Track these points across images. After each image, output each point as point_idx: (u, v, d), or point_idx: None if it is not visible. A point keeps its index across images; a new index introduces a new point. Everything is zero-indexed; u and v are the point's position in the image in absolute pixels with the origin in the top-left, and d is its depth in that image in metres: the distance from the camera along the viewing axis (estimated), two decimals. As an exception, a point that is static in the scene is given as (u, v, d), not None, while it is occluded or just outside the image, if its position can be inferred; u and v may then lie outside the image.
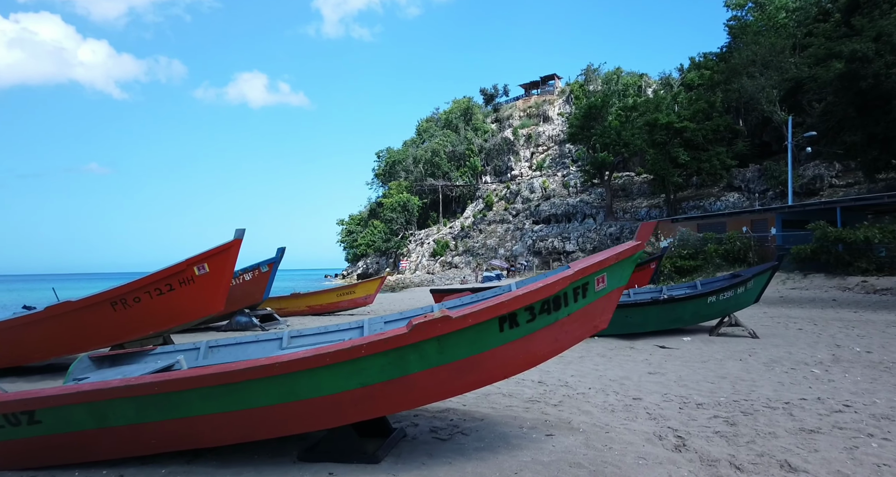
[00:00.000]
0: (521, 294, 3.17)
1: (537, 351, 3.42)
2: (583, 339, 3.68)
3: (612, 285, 3.59)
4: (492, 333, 3.13)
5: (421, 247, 57.91)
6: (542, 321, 3.33)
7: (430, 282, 46.79)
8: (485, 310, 3.04)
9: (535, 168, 57.96)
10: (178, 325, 6.11)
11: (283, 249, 10.01)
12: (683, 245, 23.36)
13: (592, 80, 61.81)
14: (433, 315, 2.99)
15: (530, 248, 47.85)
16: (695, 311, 8.19)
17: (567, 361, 6.43)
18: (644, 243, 3.64)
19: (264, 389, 2.92)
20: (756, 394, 5.02)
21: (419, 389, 3.11)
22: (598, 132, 42.89)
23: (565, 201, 49.42)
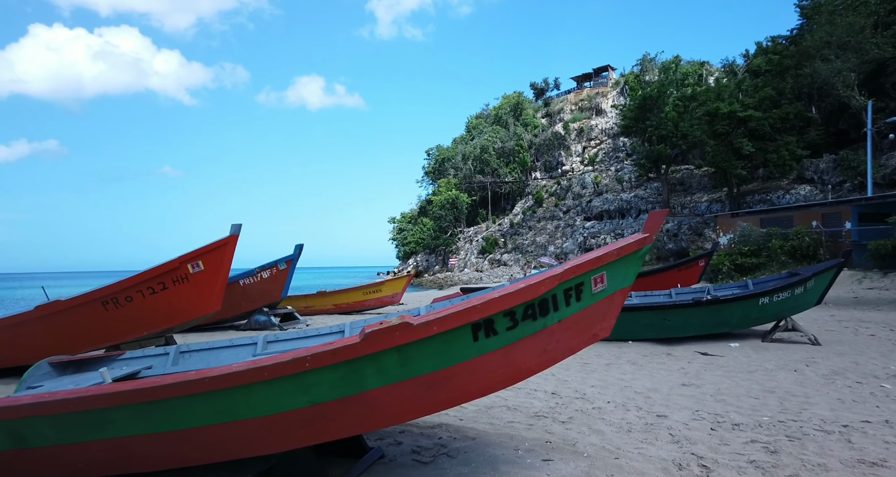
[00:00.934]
0: (498, 297, 2.68)
1: (522, 364, 2.90)
2: (580, 349, 3.13)
3: (615, 286, 3.03)
4: (464, 343, 2.67)
5: (470, 244, 57.49)
6: (526, 329, 2.81)
7: (478, 280, 46.35)
8: (452, 316, 2.58)
9: (587, 163, 56.20)
10: (173, 325, 5.93)
11: (300, 245, 9.84)
12: (744, 241, 21.76)
13: (649, 70, 59.22)
14: (390, 322, 2.54)
15: (581, 245, 46.40)
16: (744, 313, 7.33)
17: (591, 368, 5.83)
18: (653, 236, 3.04)
19: (196, 407, 2.54)
20: (808, 413, 4.27)
21: (381, 408, 2.68)
22: (654, 124, 40.94)
23: (618, 197, 47.61)
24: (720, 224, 29.22)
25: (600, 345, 7.29)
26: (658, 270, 13.89)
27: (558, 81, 69.49)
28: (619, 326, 7.33)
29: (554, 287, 2.79)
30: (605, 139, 57.13)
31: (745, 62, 53.59)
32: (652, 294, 8.92)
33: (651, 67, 59.22)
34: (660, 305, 7.35)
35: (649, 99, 43.18)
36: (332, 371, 2.53)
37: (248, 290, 9.56)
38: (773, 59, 42.36)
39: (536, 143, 60.89)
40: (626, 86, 58.33)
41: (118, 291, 5.44)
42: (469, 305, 2.62)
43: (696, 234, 39.02)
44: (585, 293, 2.93)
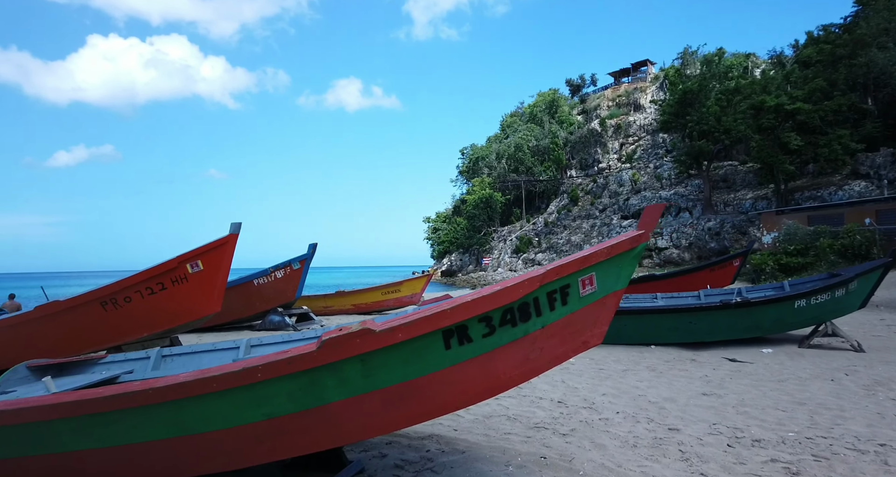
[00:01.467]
0: (471, 301, 2.45)
1: (502, 374, 2.65)
2: (567, 358, 2.85)
3: (606, 288, 2.74)
4: (435, 351, 2.46)
5: (503, 243, 56.96)
6: (504, 336, 2.57)
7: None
8: (420, 321, 2.38)
9: (625, 160, 54.78)
10: (174, 326, 5.89)
11: (314, 245, 9.80)
12: (790, 240, 20.66)
13: (690, 63, 57.25)
14: (350, 328, 2.35)
15: (618, 244, 45.24)
16: (777, 317, 6.80)
17: (605, 374, 5.49)
18: (649, 232, 2.74)
19: (144, 420, 2.39)
20: (841, 429, 3.85)
21: (346, 423, 2.49)
22: (695, 119, 39.50)
23: (657, 194, 46.20)
24: (764, 222, 27.90)
25: (620, 349, 6.92)
26: (689, 271, 13.23)
27: (595, 77, 68.07)
28: (642, 330, 6.95)
29: (535, 290, 2.54)
30: (643, 136, 55.59)
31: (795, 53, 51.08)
32: (679, 296, 8.46)
33: (693, 61, 57.22)
34: (685, 308, 6.90)
35: (690, 93, 41.68)
36: (289, 382, 2.35)
37: (262, 289, 9.60)
38: (825, 48, 40.14)
39: (572, 140, 59.80)
40: (665, 80, 56.54)
41: (117, 292, 5.45)
42: (439, 309, 2.41)
43: (740, 232, 37.40)
44: (572, 296, 2.66)
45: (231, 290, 9.47)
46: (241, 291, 9.63)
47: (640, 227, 2.76)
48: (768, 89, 38.12)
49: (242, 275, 9.97)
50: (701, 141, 39.74)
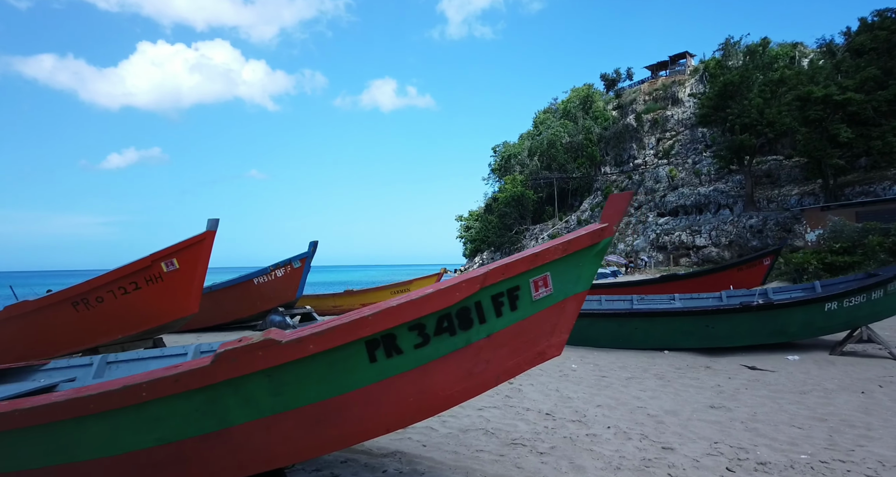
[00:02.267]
0: (396, 306, 2.12)
1: (441, 390, 2.32)
2: (521, 371, 2.49)
3: (565, 291, 2.38)
4: (358, 365, 2.16)
5: (535, 242, 56.11)
6: (441, 346, 2.25)
7: (543, 278, 45.06)
8: (336, 330, 2.07)
9: (661, 156, 53.06)
10: (149, 328, 5.70)
11: (315, 242, 9.62)
12: (836, 237, 19.41)
13: (732, 54, 54.96)
14: (251, 339, 2.06)
15: (653, 242, 43.85)
16: (805, 321, 6.18)
17: (607, 383, 5.05)
18: (613, 225, 2.35)
19: (20, 445, 2.13)
20: (864, 451, 3.36)
21: (256, 448, 2.19)
22: (736, 112, 37.82)
23: (696, 191, 44.57)
24: (808, 218, 26.43)
25: (629, 355, 6.45)
26: (714, 270, 12.39)
27: (631, 71, 66.26)
28: (654, 334, 6.45)
29: (475, 292, 2.21)
30: (681, 130, 53.72)
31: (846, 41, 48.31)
32: (699, 297, 7.88)
33: (735, 52, 54.91)
34: (701, 310, 6.34)
35: (731, 85, 39.94)
36: (183, 402, 2.07)
37: (262, 289, 9.43)
38: (881, 35, 37.70)
39: (606, 136, 58.37)
40: (705, 73, 54.48)
41: (88, 292, 5.32)
42: (358, 316, 2.10)
43: (785, 230, 35.59)
44: (523, 300, 2.31)
45: (231, 289, 9.51)
46: (241, 290, 9.56)
47: (603, 219, 2.38)
48: (816, 79, 36.13)
49: (243, 273, 9.87)
50: (743, 135, 38.01)
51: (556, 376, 5.23)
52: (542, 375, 5.28)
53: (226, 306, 9.47)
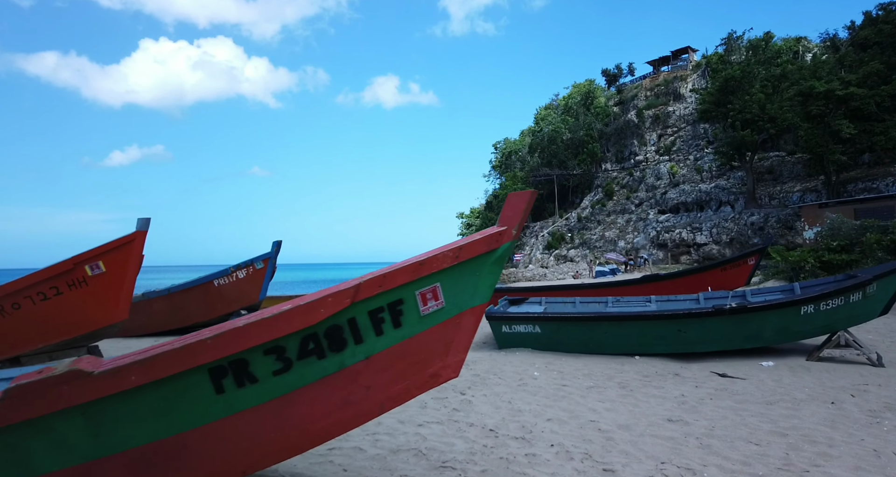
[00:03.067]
0: (243, 326, 1.81)
1: (310, 423, 2.01)
2: (412, 396, 2.20)
3: (459, 304, 2.10)
4: (200, 397, 1.85)
5: (535, 239, 55.82)
6: (307, 372, 1.94)
7: (542, 276, 44.87)
8: (166, 356, 1.77)
9: (663, 152, 52.59)
10: (75, 336, 5.33)
11: (278, 242, 9.30)
12: (834, 235, 19.04)
13: (735, 50, 54.38)
14: (54, 370, 1.75)
15: (654, 240, 43.48)
16: (781, 325, 5.91)
17: (566, 393, 4.78)
18: (513, 229, 2.10)
19: None
20: (819, 472, 3.10)
21: None
22: (737, 107, 37.35)
23: (697, 187, 44.16)
24: (805, 215, 26.02)
25: (598, 361, 6.17)
26: (697, 270, 11.98)
27: (633, 67, 65.66)
28: (625, 339, 6.16)
29: (345, 308, 1.91)
30: (683, 126, 53.22)
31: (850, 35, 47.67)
32: (675, 299, 7.58)
33: (738, 47, 54.34)
34: (672, 314, 6.05)
35: (732, 80, 39.45)
36: None
37: (223, 290, 9.04)
38: (885, 29, 37.14)
39: (607, 132, 57.90)
40: (707, 68, 53.94)
41: (2, 298, 5.01)
42: (196, 339, 1.80)
43: (787, 227, 35.18)
44: (408, 316, 2.02)
45: (190, 291, 9.15)
46: (200, 292, 9.19)
47: (501, 222, 2.12)
48: (818, 74, 35.63)
49: (205, 274, 9.45)
50: (744, 131, 37.56)
51: (513, 386, 4.98)
52: (500, 384, 5.03)
53: (185, 309, 9.12)
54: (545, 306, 7.92)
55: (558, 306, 7.99)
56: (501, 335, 6.77)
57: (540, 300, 8.21)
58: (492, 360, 6.08)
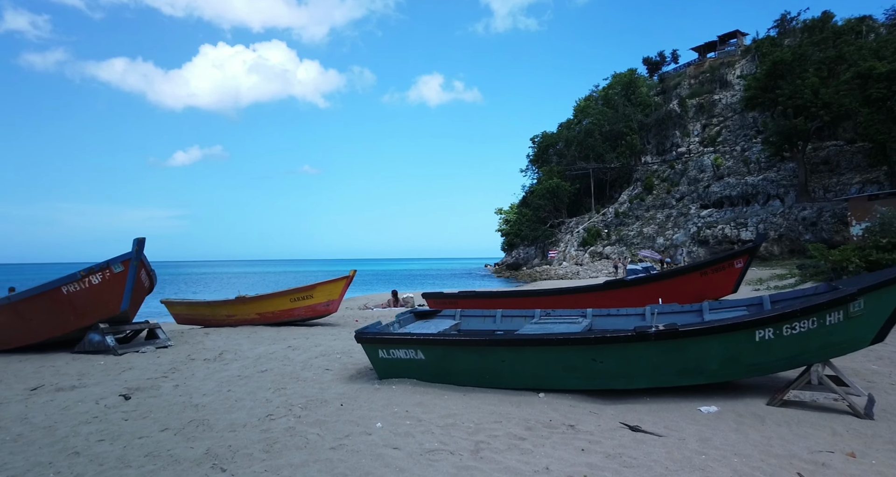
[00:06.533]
0: None
1: None
2: None
3: None
4: None
5: (570, 235, 53.75)
6: None
7: (575, 274, 43.04)
8: None
9: (707, 143, 49.39)
10: None
11: (140, 240, 7.45)
12: (884, 231, 16.72)
13: (789, 33, 50.42)
14: None
15: (694, 236, 40.80)
16: (727, 355, 4.40)
17: (386, 460, 3.58)
18: None
19: None
20: None
21: None
22: (787, 93, 34.26)
23: (743, 180, 41.14)
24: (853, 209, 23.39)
25: (489, 398, 4.79)
26: (669, 274, 9.89)
27: (676, 54, 62.34)
28: (525, 369, 4.73)
29: None
30: (729, 116, 49.82)
31: (923, 10, 43.05)
32: (615, 313, 6.00)
33: (792, 29, 50.31)
34: (581, 338, 4.62)
35: (782, 64, 36.28)
36: None
37: (75, 299, 7.43)
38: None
39: (648, 123, 54.99)
40: (757, 53, 50.18)
41: None
42: None
43: (842, 222, 32.02)
44: None
45: (34, 300, 7.55)
46: (46, 301, 7.49)
47: None
48: (881, 54, 32.21)
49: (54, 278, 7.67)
50: (796, 118, 34.46)
51: (325, 447, 3.84)
52: (305, 447, 3.89)
53: (32, 322, 7.66)
54: (459, 321, 6.63)
55: (474, 321, 6.69)
56: (379, 362, 5.36)
57: (455, 313, 6.74)
58: (349, 397, 4.84)
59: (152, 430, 4.03)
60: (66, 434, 3.92)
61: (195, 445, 3.74)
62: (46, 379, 5.76)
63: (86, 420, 4.24)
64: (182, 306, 11.74)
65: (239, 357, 6.93)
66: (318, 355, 6.90)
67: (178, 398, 4.92)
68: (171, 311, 11.88)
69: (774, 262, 33.21)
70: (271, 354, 7.03)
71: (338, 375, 5.90)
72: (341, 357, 6.77)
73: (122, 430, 4.02)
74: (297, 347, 7.66)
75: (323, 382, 5.62)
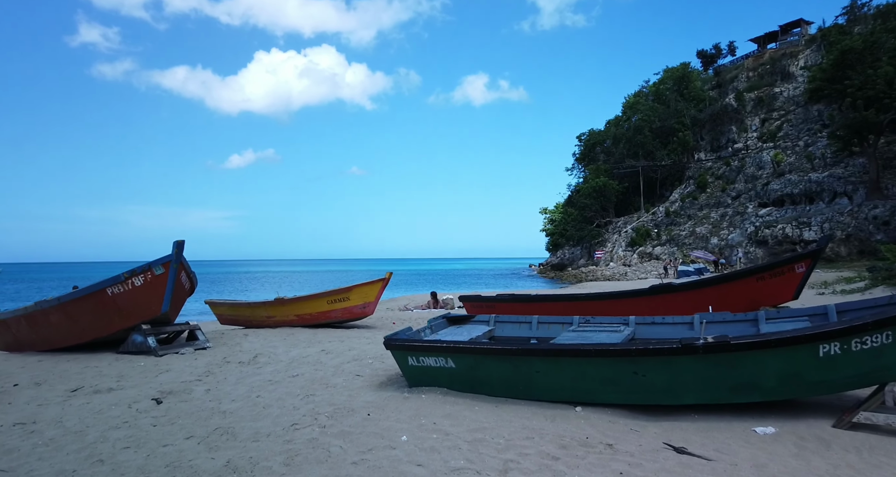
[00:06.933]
0: None
1: None
2: None
3: None
4: None
5: (618, 235, 52.25)
6: None
7: (622, 275, 41.80)
8: None
9: (766, 138, 46.86)
10: None
11: (180, 242, 7.49)
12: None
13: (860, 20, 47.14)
14: None
15: (752, 236, 38.77)
16: (787, 372, 3.95)
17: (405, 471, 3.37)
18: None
19: None
20: None
21: None
22: (857, 84, 31.99)
23: (806, 177, 38.77)
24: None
25: (522, 411, 4.44)
26: (720, 279, 8.90)
27: (733, 46, 59.43)
28: (561, 381, 4.39)
29: None
30: (791, 109, 47.08)
31: None
32: (661, 322, 5.55)
33: (863, 16, 46.98)
34: (622, 350, 4.24)
35: (851, 53, 33.92)
36: None
37: (119, 300, 7.51)
38: None
39: (701, 118, 52.73)
40: (823, 42, 47.18)
41: None
42: None
43: (919, 223, 29.65)
44: None
45: (83, 301, 7.68)
46: (93, 302, 7.60)
47: None
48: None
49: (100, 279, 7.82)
50: (867, 111, 32.13)
51: (346, 461, 3.68)
52: (326, 461, 3.74)
53: (80, 322, 7.80)
54: (493, 327, 6.34)
55: (508, 328, 6.37)
56: (409, 369, 5.18)
57: (489, 318, 6.44)
58: (377, 407, 4.67)
59: (177, 437, 4.00)
60: (94, 440, 3.94)
61: (217, 455, 3.68)
62: (87, 380, 5.92)
63: (116, 425, 4.27)
64: (225, 307, 11.98)
65: (272, 360, 6.93)
66: (351, 360, 6.82)
67: (208, 404, 4.91)
68: (215, 311, 12.14)
69: (841, 263, 31.10)
70: (304, 358, 7.00)
71: (368, 382, 5.78)
72: (373, 362, 6.65)
73: (148, 436, 4.02)
74: (331, 350, 7.61)
75: (352, 388, 5.50)
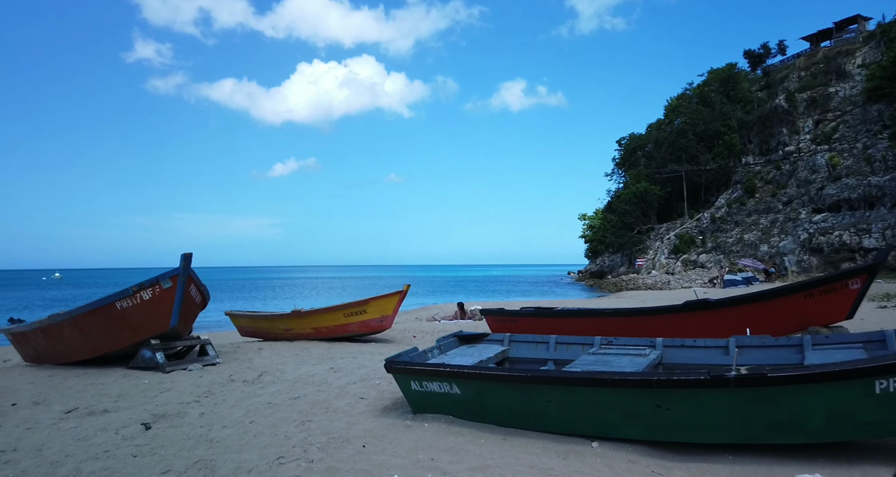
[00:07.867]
0: None
1: None
2: None
3: None
4: None
5: (660, 242, 50.45)
6: None
7: (665, 284, 40.27)
8: None
9: (820, 140, 44.36)
10: None
11: (187, 255, 7.29)
12: None
13: (924, 10, 44.14)
14: None
15: (805, 243, 36.65)
16: (836, 410, 3.33)
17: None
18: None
19: None
20: None
21: None
22: (921, 80, 29.88)
23: (865, 181, 36.39)
24: None
25: (532, 444, 4.02)
26: (763, 296, 7.75)
27: (783, 44, 56.75)
28: (575, 412, 3.91)
29: None
30: (848, 109, 44.43)
31: None
32: (692, 345, 4.92)
33: (928, 6, 43.98)
34: (642, 381, 3.72)
35: (914, 47, 31.67)
36: None
37: (128, 315, 7.33)
38: None
39: (749, 121, 50.46)
40: (883, 39, 44.45)
41: None
42: None
43: None
44: None
45: (92, 314, 7.55)
46: (103, 316, 7.47)
47: None
48: None
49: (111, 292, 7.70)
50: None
51: None
52: None
53: (91, 336, 7.71)
54: (507, 347, 5.86)
55: (524, 348, 5.86)
56: (412, 395, 4.79)
57: (503, 338, 5.93)
58: (374, 436, 4.27)
59: (153, 471, 3.75)
60: (67, 473, 3.74)
61: (187, 494, 3.40)
62: (86, 400, 5.80)
63: (95, 455, 4.06)
64: (245, 319, 11.90)
65: (277, 380, 6.69)
66: (358, 380, 6.50)
67: (198, 430, 4.67)
68: (235, 323, 12.07)
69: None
70: (311, 377, 6.73)
71: (371, 406, 5.43)
72: (380, 383, 6.31)
73: (124, 469, 3.78)
74: (340, 368, 7.32)
75: (353, 414, 5.16)
